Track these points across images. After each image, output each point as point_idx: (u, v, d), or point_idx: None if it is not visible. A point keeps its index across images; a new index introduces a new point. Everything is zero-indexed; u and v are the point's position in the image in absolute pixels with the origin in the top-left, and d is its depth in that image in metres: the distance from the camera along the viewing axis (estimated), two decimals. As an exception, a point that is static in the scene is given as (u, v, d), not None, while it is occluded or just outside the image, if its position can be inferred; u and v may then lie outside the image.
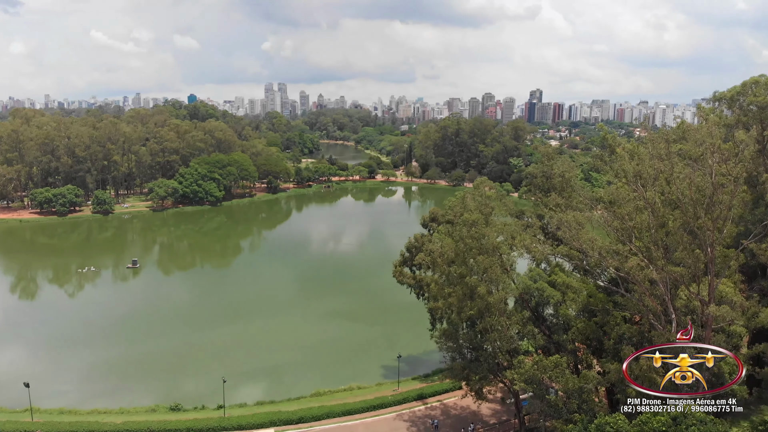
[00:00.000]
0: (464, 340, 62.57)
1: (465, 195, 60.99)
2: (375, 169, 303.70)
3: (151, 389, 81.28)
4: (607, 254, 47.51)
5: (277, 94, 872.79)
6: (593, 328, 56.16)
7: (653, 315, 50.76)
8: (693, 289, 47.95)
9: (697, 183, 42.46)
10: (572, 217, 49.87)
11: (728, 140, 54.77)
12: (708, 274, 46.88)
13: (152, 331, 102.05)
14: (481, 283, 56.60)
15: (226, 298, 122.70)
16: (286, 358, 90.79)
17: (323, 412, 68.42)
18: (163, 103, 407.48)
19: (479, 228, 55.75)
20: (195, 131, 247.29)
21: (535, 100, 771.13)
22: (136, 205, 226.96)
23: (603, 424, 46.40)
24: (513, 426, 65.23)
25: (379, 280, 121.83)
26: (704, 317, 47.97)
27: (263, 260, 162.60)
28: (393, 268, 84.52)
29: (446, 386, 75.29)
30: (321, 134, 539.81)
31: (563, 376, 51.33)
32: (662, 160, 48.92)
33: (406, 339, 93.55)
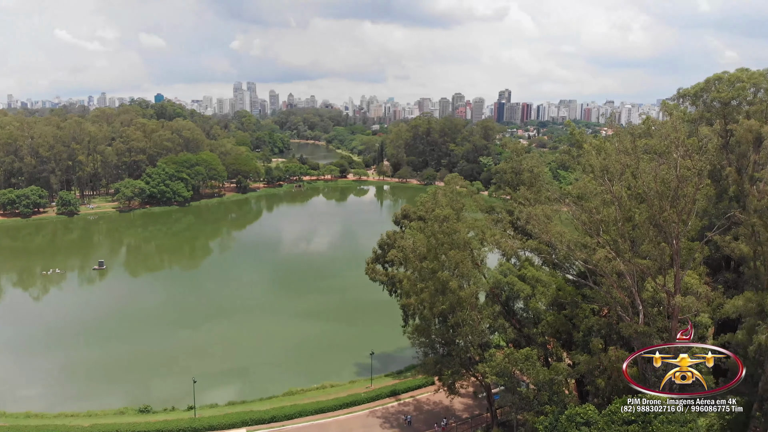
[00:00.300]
0: (436, 335, 62.88)
1: (436, 191, 61.31)
2: (347, 169, 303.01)
3: (119, 392, 79.64)
4: (575, 247, 48.29)
5: (246, 93, 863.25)
6: (563, 320, 57.03)
7: (621, 307, 51.74)
8: (659, 281, 49.01)
9: (662, 176, 43.38)
10: (541, 210, 50.54)
11: (692, 135, 56.21)
12: (674, 266, 47.99)
13: (120, 333, 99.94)
14: (453, 277, 56.95)
15: (196, 300, 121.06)
16: (257, 358, 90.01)
17: (296, 411, 67.99)
18: (130, 102, 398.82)
19: (451, 223, 56.11)
20: (162, 130, 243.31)
21: (504, 101, 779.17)
22: (102, 206, 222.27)
23: (573, 415, 47.17)
24: (485, 420, 65.79)
25: (352, 279, 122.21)
26: (670, 308, 49.08)
27: (233, 261, 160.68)
28: (365, 265, 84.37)
29: (419, 382, 75.56)
30: (291, 134, 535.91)
31: (534, 369, 51.98)
32: (628, 154, 49.97)
33: (379, 336, 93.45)
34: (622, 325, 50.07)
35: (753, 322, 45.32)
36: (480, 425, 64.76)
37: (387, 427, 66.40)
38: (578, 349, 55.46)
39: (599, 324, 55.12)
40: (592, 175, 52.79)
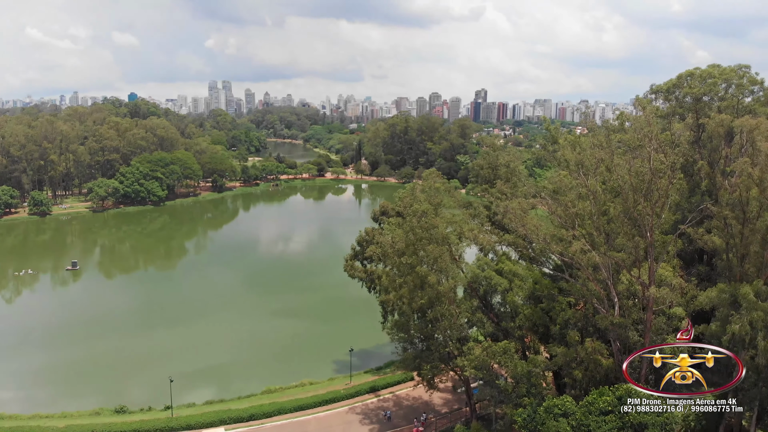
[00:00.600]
0: (415, 330, 62.97)
1: (414, 186, 61.37)
2: (324, 167, 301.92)
3: (95, 393, 78.40)
4: (551, 240, 48.75)
5: (222, 92, 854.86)
6: (539, 314, 57.50)
7: (597, 299, 52.41)
8: (634, 273, 49.74)
9: (636, 169, 43.99)
10: (517, 204, 50.94)
11: (665, 131, 57.10)
12: (648, 259, 48.75)
13: (95, 334, 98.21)
14: (432, 272, 57.09)
15: (172, 301, 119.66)
16: (236, 357, 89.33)
17: (274, 409, 67.54)
18: (102, 101, 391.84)
19: (429, 218, 56.23)
20: (136, 129, 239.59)
21: (480, 100, 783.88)
22: (75, 206, 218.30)
23: (551, 407, 47.71)
24: (464, 414, 66.11)
25: (330, 278, 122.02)
26: (645, 300, 49.89)
27: (209, 261, 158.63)
28: (344, 262, 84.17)
29: (398, 378, 75.62)
30: (268, 133, 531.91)
31: (512, 362, 52.42)
32: (603, 148, 50.66)
33: (358, 333, 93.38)
34: (598, 317, 50.76)
35: (726, 312, 46.21)
36: (459, 419, 65.05)
37: (367, 424, 66.33)
38: (555, 342, 56.04)
39: (576, 317, 55.78)
40: (567, 170, 53.46)
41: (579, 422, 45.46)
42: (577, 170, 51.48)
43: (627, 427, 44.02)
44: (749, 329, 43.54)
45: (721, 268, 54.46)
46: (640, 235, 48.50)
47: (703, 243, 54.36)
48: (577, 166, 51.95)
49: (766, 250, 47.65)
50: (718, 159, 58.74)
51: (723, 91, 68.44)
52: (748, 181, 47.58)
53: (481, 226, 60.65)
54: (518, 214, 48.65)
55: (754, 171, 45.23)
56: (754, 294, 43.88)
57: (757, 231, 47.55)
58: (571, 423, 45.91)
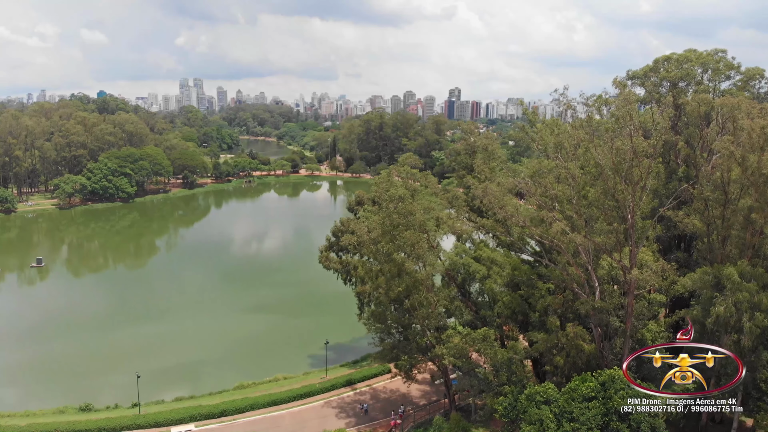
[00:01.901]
0: (392, 320, 61.27)
1: (390, 171, 59.57)
2: (299, 164, 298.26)
3: (61, 391, 75.51)
4: (531, 222, 47.28)
5: (193, 89, 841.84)
6: (519, 301, 56.22)
7: (577, 284, 51.26)
8: (615, 257, 48.68)
9: (618, 147, 42.77)
10: (496, 186, 49.51)
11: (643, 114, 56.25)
12: (629, 242, 47.71)
13: (62, 332, 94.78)
14: (409, 259, 55.38)
15: (143, 298, 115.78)
16: (208, 353, 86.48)
17: (247, 404, 65.11)
18: (70, 98, 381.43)
19: (406, 204, 54.43)
20: (104, 124, 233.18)
21: (454, 99, 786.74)
22: (40, 203, 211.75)
23: (533, 394, 46.30)
24: (443, 405, 64.54)
25: (306, 273, 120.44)
26: (627, 284, 48.85)
27: (181, 259, 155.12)
28: (319, 254, 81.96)
29: (375, 370, 73.82)
30: (241, 130, 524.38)
31: (491, 349, 50.98)
32: (582, 128, 49.50)
33: (334, 327, 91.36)
34: (579, 302, 49.60)
35: (710, 295, 45.37)
36: (438, 411, 63.44)
37: (343, 417, 64.33)
38: (535, 330, 54.88)
39: (556, 302, 54.60)
40: (545, 154, 52.10)
41: (562, 409, 44.13)
42: (556, 152, 50.31)
43: (611, 413, 42.85)
44: (734, 311, 42.72)
45: (702, 251, 53.83)
46: (621, 218, 47.48)
47: (684, 226, 53.68)
48: (556, 148, 50.78)
49: (748, 231, 47.02)
50: (698, 140, 58.03)
51: (699, 76, 68.16)
52: (729, 161, 46.88)
53: (459, 212, 58.96)
54: (497, 195, 47.13)
55: (736, 150, 44.43)
56: (738, 275, 43.08)
57: (738, 212, 46.91)
58: (554, 410, 44.56)
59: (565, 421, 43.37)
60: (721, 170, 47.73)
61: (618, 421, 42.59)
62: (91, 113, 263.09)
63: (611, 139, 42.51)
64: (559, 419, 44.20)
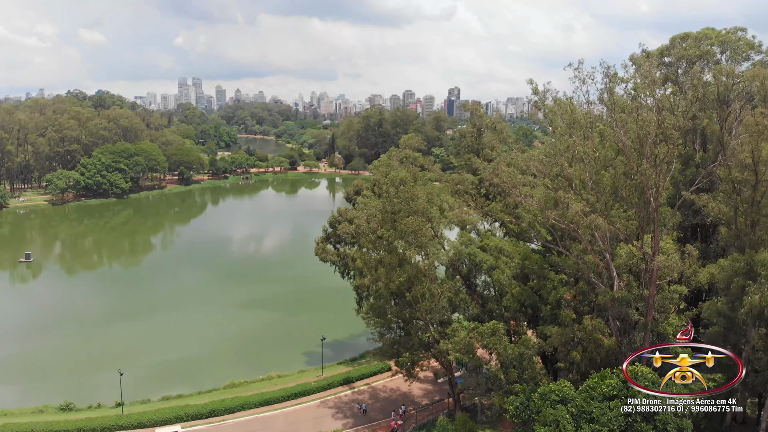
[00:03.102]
0: (393, 314, 57.30)
1: (391, 153, 55.56)
2: (297, 161, 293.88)
3: (43, 390, 71.54)
4: (545, 205, 43.09)
5: (192, 89, 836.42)
6: (529, 293, 52.37)
7: (594, 273, 47.34)
8: (637, 243, 44.74)
9: (643, 118, 38.76)
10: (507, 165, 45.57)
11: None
12: (652, 226, 43.80)
13: (48, 328, 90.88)
14: (411, 248, 51.37)
15: (134, 294, 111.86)
16: (199, 351, 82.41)
17: (237, 404, 61.04)
18: (66, 95, 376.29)
19: (408, 188, 50.41)
20: (98, 119, 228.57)
21: (454, 98, 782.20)
22: (33, 199, 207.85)
23: (548, 393, 42.39)
24: (447, 405, 60.44)
25: (302, 269, 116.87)
26: (648, 273, 44.89)
27: (175, 255, 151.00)
28: (315, 245, 77.92)
29: (374, 368, 69.86)
30: (239, 129, 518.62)
31: (501, 344, 46.98)
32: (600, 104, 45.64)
33: (331, 324, 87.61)
34: (597, 293, 45.64)
35: (741, 284, 41.38)
36: (442, 411, 59.41)
37: (340, 418, 60.31)
38: (546, 324, 51.01)
39: (568, 294, 50.65)
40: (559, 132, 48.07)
41: (580, 409, 40.23)
42: (569, 130, 46.42)
43: (635, 413, 38.92)
44: (771, 300, 38.73)
45: (728, 238, 49.96)
46: (643, 202, 43.53)
47: (709, 211, 49.78)
48: (568, 128, 46.85)
49: (781, 213, 43.12)
50: (723, 118, 53.96)
51: (718, 56, 64.24)
52: (758, 139, 42.91)
53: (466, 198, 54.83)
54: (509, 175, 43.05)
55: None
56: (774, 260, 39.10)
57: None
58: (571, 410, 40.68)
59: (583, 422, 39.50)
60: (751, 148, 43.74)
61: (642, 422, 38.72)
62: (85, 108, 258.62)
63: (635, 110, 38.50)
64: (577, 420, 40.28)
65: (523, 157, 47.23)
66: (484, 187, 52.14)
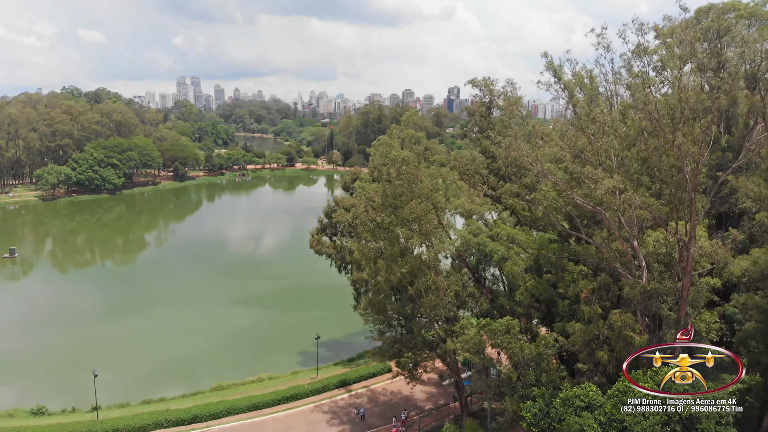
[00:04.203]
0: (394, 310, 52.07)
1: (392, 131, 50.25)
2: (294, 157, 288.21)
3: (16, 392, 66.80)
4: (569, 183, 37.54)
5: (191, 88, 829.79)
6: (545, 286, 47.07)
7: (620, 263, 42.08)
8: (671, 228, 39.53)
9: (684, 83, 33.52)
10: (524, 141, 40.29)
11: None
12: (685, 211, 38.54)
13: (27, 328, 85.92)
14: (414, 235, 46.06)
15: (123, 293, 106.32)
16: (187, 351, 77.31)
17: (223, 409, 55.75)
18: (61, 91, 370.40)
19: (410, 168, 45.08)
20: (90, 113, 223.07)
21: (453, 97, 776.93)
22: (23, 195, 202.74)
23: (571, 398, 37.10)
24: (453, 410, 55.18)
25: (298, 265, 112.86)
26: (683, 262, 39.62)
27: (167, 252, 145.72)
28: (309, 237, 72.68)
29: (373, 369, 64.69)
30: (237, 127, 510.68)
31: (517, 342, 41.63)
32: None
33: (327, 321, 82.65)
34: (627, 284, 40.34)
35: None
36: (447, 417, 54.15)
37: (335, 424, 55.02)
38: (564, 320, 45.78)
39: (587, 288, 45.26)
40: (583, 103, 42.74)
41: (609, 417, 35.07)
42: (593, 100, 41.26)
43: (674, 421, 33.75)
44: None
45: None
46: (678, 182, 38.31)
47: (747, 192, 44.50)
48: (590, 99, 41.68)
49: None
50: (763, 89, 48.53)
51: (745, 29, 58.95)
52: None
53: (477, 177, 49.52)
54: (527, 150, 37.67)
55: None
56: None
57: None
58: (599, 418, 35.45)
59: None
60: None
61: (683, 431, 33.63)
62: (78, 102, 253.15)
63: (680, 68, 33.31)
64: (606, 429, 35.09)
65: (543, 128, 41.63)
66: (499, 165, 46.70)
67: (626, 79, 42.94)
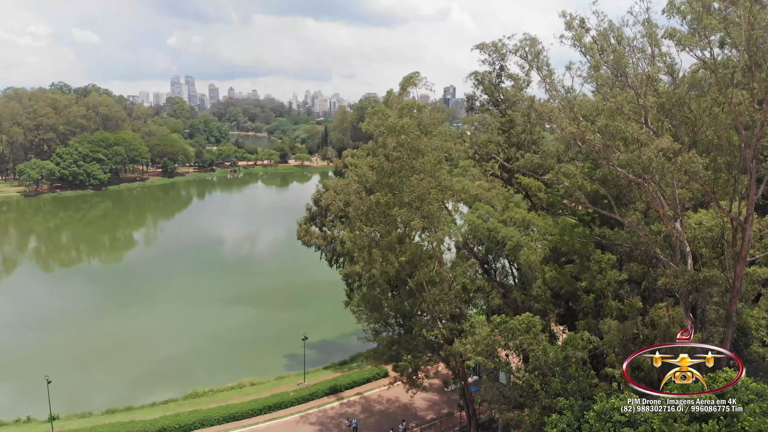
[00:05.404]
0: (391, 307, 45.26)
1: (389, 98, 43.51)
2: (288, 154, 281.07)
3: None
4: (612, 137, 30.36)
5: (185, 87, 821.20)
6: (567, 278, 40.43)
7: (660, 248, 35.43)
8: (724, 207, 32.91)
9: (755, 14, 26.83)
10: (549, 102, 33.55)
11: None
12: (749, 180, 31.95)
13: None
14: (415, 217, 39.25)
15: (101, 292, 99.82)
16: (162, 354, 70.36)
17: (195, 420, 48.90)
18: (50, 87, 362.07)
19: (411, 138, 38.29)
20: (76, 106, 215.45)
21: (449, 96, 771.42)
22: (5, 191, 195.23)
23: (608, 411, 30.23)
24: (459, 421, 48.41)
25: (287, 263, 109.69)
26: (737, 247, 33.00)
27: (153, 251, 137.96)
28: (297, 227, 65.85)
29: (367, 374, 57.89)
30: (231, 125, 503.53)
31: (539, 344, 34.85)
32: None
33: (317, 322, 76.20)
34: (670, 273, 33.65)
35: None
36: (452, 428, 47.40)
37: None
38: (588, 318, 39.25)
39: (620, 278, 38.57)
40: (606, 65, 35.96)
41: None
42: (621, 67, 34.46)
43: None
44: None
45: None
46: (735, 149, 31.76)
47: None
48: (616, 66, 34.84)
49: None
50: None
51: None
52: None
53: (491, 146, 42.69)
54: (561, 97, 30.91)
55: None
56: None
57: None
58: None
59: (666, 455, 27.55)
60: None
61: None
62: (64, 96, 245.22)
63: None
64: (655, 451, 28.34)
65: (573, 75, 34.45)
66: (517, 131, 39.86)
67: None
